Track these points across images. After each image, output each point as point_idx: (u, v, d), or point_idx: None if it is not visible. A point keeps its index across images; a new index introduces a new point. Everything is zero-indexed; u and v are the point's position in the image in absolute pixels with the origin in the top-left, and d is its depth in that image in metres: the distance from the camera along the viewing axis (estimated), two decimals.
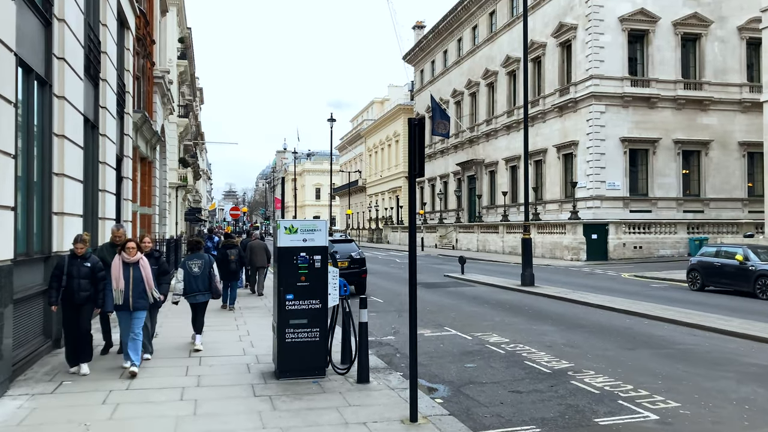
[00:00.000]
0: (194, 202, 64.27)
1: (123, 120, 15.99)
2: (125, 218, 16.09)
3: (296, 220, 7.49)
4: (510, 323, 11.86)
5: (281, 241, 7.32)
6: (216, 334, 10.47)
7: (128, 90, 16.20)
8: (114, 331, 9.26)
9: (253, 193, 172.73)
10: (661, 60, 35.28)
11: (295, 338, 7.28)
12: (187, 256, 10.00)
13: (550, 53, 39.04)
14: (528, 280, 17.78)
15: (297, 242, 7.34)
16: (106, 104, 12.64)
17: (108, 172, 12.86)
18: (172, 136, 34.41)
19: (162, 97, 24.47)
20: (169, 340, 10.08)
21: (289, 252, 7.32)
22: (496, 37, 46.18)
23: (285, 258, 7.32)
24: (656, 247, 32.74)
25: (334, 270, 7.52)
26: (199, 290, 9.51)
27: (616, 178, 34.74)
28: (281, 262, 7.32)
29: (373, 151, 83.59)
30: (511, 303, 14.98)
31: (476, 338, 10.26)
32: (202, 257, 9.64)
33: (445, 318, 12.59)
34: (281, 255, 7.32)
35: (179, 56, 38.02)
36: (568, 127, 37.18)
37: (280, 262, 7.32)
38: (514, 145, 43.37)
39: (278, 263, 7.35)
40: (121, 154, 15.79)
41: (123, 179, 15.97)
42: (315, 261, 7.36)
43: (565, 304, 14.70)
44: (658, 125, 35.18)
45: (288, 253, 7.32)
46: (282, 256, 7.32)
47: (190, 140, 47.84)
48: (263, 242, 17.45)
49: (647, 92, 34.85)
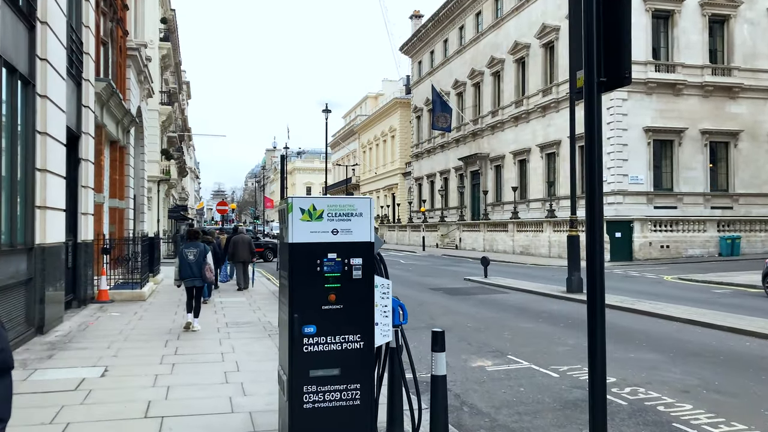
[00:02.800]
0: (180, 199, 60.86)
1: (80, 88, 12.84)
2: (84, 210, 12.92)
3: (321, 198, 4.40)
4: None
5: (295, 233, 4.26)
6: (191, 370, 7.35)
7: (87, 51, 13.03)
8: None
9: (242, 193, 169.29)
10: (687, 43, 32.51)
11: (319, 402, 4.22)
12: (185, 244, 10.71)
13: (565, 36, 36.08)
14: (576, 286, 14.81)
15: (322, 235, 4.29)
16: (47, 56, 9.50)
17: (52, 148, 9.73)
18: (153, 124, 31.16)
19: (138, 74, 21.28)
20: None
21: (309, 252, 4.27)
22: (503, 22, 43.26)
23: (301, 262, 4.26)
24: (684, 246, 30.00)
25: (383, 283, 4.46)
26: (193, 275, 10.28)
27: (639, 172, 31.94)
28: (294, 269, 4.26)
29: (367, 148, 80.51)
30: (569, 316, 11.95)
31: (564, 375, 7.22)
32: (198, 246, 10.46)
33: (500, 339, 9.55)
34: (294, 257, 4.25)
35: (162, 38, 34.75)
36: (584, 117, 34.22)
37: (292, 270, 4.25)
38: (523, 138, 40.50)
39: (290, 272, 4.26)
40: (78, 128, 12.63)
41: (81, 161, 12.81)
42: (354, 268, 4.31)
43: (641, 318, 11.67)
44: (684, 114, 32.41)
45: (306, 253, 4.26)
46: (296, 259, 4.25)
47: (175, 132, 44.49)
48: (247, 236, 17.96)
49: (673, 78, 32.05)
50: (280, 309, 4.68)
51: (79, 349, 8.45)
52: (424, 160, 58.60)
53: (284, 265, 4.47)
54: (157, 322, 11.06)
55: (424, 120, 58.66)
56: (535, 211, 38.54)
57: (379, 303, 4.38)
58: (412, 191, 62.31)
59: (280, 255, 4.80)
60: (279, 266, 4.82)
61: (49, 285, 9.71)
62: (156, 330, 10.20)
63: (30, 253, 9.16)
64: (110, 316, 11.77)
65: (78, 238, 12.76)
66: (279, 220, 4.78)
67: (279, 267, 4.81)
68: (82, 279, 12.83)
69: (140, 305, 13.31)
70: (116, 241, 16.20)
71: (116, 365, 7.51)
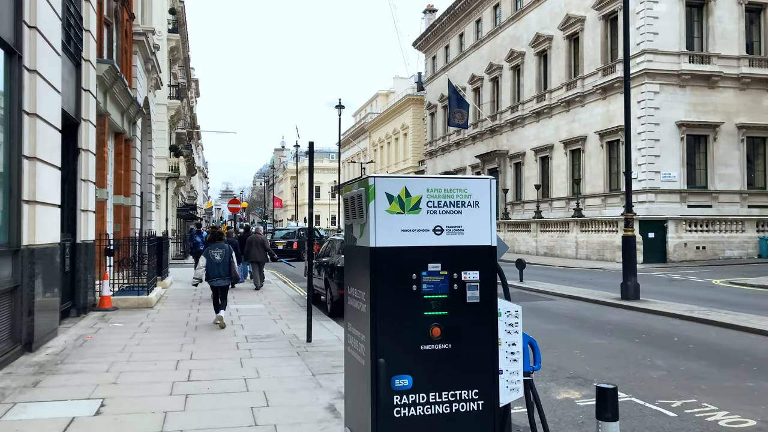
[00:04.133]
0: (189, 198, 59.64)
1: (80, 69, 11.41)
2: (84, 206, 11.49)
3: (418, 178, 2.87)
4: (695, 372, 7.21)
5: (379, 232, 2.75)
6: (208, 405, 5.88)
7: (88, 28, 11.60)
8: None
9: (251, 192, 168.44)
10: (722, 33, 30.81)
11: None
12: (210, 245, 10.84)
13: (590, 27, 34.50)
14: (633, 292, 13.24)
15: (420, 235, 2.78)
16: (37, 24, 8.04)
17: (43, 132, 8.29)
18: (161, 119, 29.84)
19: (145, 62, 19.86)
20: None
21: (400, 261, 2.77)
22: (523, 14, 41.63)
23: (388, 278, 2.74)
24: (721, 247, 28.36)
25: (510, 309, 2.95)
26: (220, 275, 10.52)
27: (671, 168, 30.26)
28: (379, 288, 2.74)
29: (378, 146, 79.04)
30: (639, 329, 10.39)
31: (683, 414, 5.64)
32: (223, 246, 10.71)
33: (573, 360, 8.01)
34: (379, 269, 2.74)
35: (170, 30, 33.42)
36: (613, 111, 32.62)
37: (375, 290, 2.73)
38: (545, 134, 38.88)
39: (371, 292, 2.74)
40: (77, 114, 11.19)
41: (81, 152, 11.37)
42: (467, 286, 2.80)
43: (726, 332, 9.96)
44: (719, 108, 30.70)
45: (396, 263, 2.77)
46: (380, 273, 2.73)
47: (183, 129, 43.18)
48: (261, 236, 17.75)
49: (707, 69, 30.34)
50: (349, 343, 3.18)
51: (72, 374, 6.99)
52: (438, 158, 57.01)
53: (357, 281, 2.98)
54: (165, 336, 9.61)
55: (438, 117, 57.08)
56: (559, 210, 36.93)
57: (504, 340, 2.89)
58: None
59: (348, 265, 3.31)
60: (345, 280, 3.31)
61: (40, 293, 8.27)
62: (164, 345, 8.76)
63: (15, 255, 7.72)
64: (112, 327, 10.32)
65: (77, 238, 11.34)
66: (345, 214, 3.27)
67: (346, 282, 3.30)
68: (81, 284, 11.40)
69: (147, 314, 11.87)
70: (121, 242, 14.78)
71: (115, 397, 6.04)
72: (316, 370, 7.20)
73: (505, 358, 2.91)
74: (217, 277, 10.52)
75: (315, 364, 7.56)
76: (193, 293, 16.02)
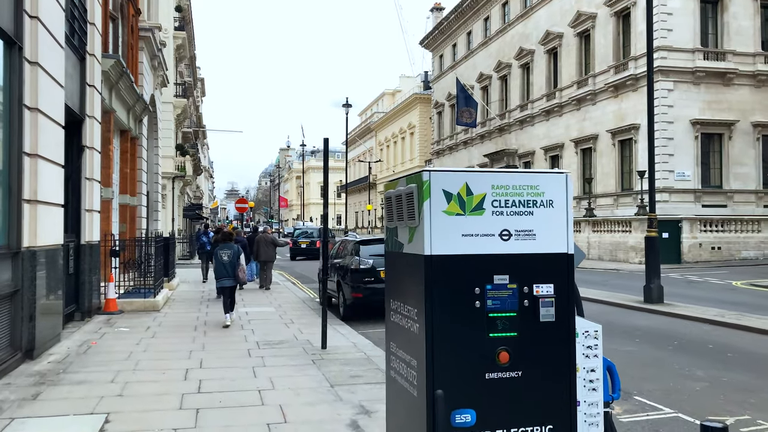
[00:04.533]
0: (195, 198, 59.32)
1: (84, 63, 10.99)
2: (89, 206, 11.08)
3: (479, 172, 2.41)
4: (741, 384, 6.59)
5: (435, 238, 2.29)
6: (222, 422, 5.45)
7: (93, 21, 11.18)
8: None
9: (256, 192, 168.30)
10: (737, 29, 30.23)
11: None
12: (218, 246, 10.91)
13: (602, 24, 33.96)
14: (656, 296, 12.74)
15: (484, 241, 2.32)
16: (39, 13, 7.63)
17: (45, 128, 7.87)
18: (168, 117, 29.47)
19: (152, 59, 19.46)
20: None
21: (460, 272, 2.30)
22: (533, 11, 41.10)
23: (446, 292, 2.27)
24: (737, 247, 27.79)
25: (588, 329, 2.49)
26: (227, 276, 10.56)
27: (686, 168, 29.70)
28: (435, 303, 2.27)
29: (384, 145, 78.58)
30: (670, 335, 9.89)
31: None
32: (232, 247, 10.71)
33: None
34: (435, 282, 2.27)
35: (177, 27, 33.06)
36: (625, 109, 32.10)
37: (432, 306, 2.27)
38: (555, 133, 38.36)
39: (426, 308, 2.28)
40: (81, 111, 10.78)
41: (85, 149, 10.96)
42: (541, 302, 2.34)
43: (764, 338, 9.52)
44: (734, 106, 30.14)
45: (456, 275, 2.30)
46: (437, 286, 2.27)
47: (190, 128, 42.81)
48: (270, 235, 17.72)
49: (722, 67, 29.78)
50: (393, 367, 2.73)
51: (74, 384, 6.57)
52: (446, 157, 56.52)
53: (404, 295, 2.53)
54: (173, 341, 9.19)
55: (446, 116, 56.60)
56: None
57: (581, 365, 2.43)
58: None
59: (391, 275, 2.85)
60: (387, 293, 2.85)
61: (42, 297, 7.85)
62: (173, 352, 8.34)
63: (15, 258, 7.30)
64: (118, 332, 9.91)
65: (81, 239, 10.92)
66: (387, 215, 2.81)
67: (388, 294, 2.84)
68: (86, 287, 10.98)
69: (153, 317, 11.45)
70: (127, 242, 14.37)
71: (121, 411, 5.61)
72: (334, 381, 6.76)
73: (584, 387, 2.47)
74: (223, 277, 10.59)
75: (332, 373, 7.12)
76: (201, 294, 15.63)
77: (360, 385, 6.61)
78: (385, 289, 2.92)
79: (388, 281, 2.87)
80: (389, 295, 2.81)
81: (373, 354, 8.27)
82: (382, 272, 11.62)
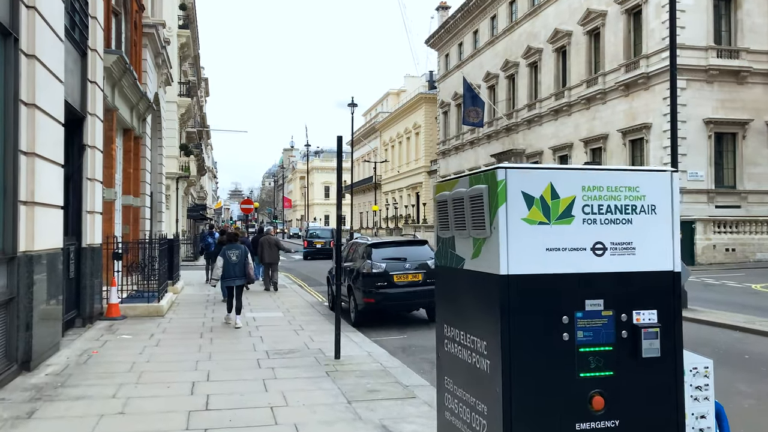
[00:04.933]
0: (199, 198, 58.96)
1: (86, 59, 10.55)
2: (91, 207, 10.63)
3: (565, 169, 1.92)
4: None
5: (513, 253, 1.79)
6: None
7: (94, 15, 10.74)
8: None
9: (260, 192, 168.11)
10: (751, 27, 29.68)
11: None
12: (226, 246, 11.12)
13: (612, 22, 33.43)
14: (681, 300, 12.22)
15: (572, 257, 1.82)
16: (37, 4, 7.18)
17: (43, 125, 7.43)
18: (172, 117, 29.05)
19: (155, 56, 19.02)
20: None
21: (543, 296, 1.79)
22: (541, 9, 40.56)
23: (527, 321, 1.77)
24: (752, 249, 27.28)
25: (697, 365, 2.00)
26: (236, 275, 10.79)
27: (699, 168, 29.16)
28: (513, 335, 1.78)
29: (389, 145, 78.06)
30: (700, 342, 9.30)
31: None
32: (239, 247, 10.97)
33: None
34: (514, 308, 1.77)
35: (181, 26, 32.66)
36: (636, 108, 31.57)
37: (509, 338, 1.77)
38: (564, 132, 37.85)
39: (503, 341, 1.78)
40: (82, 108, 10.34)
41: (87, 148, 10.52)
42: (643, 333, 1.83)
43: None
44: (748, 104, 29.58)
45: (538, 300, 1.78)
46: (517, 313, 1.77)
47: (194, 128, 42.41)
48: (274, 237, 17.50)
49: (736, 65, 29.23)
50: (449, 408, 2.25)
51: (73, 400, 6.11)
52: (452, 157, 56.02)
53: (467, 322, 2.05)
54: (178, 350, 8.74)
55: (452, 115, 56.11)
56: None
57: (690, 410, 1.95)
58: None
59: (445, 296, 2.37)
60: (440, 317, 2.36)
61: (40, 304, 7.40)
62: (178, 363, 7.88)
63: (11, 264, 6.86)
64: (120, 339, 9.46)
65: (83, 242, 10.48)
66: (440, 223, 2.33)
67: (441, 319, 2.36)
68: (87, 291, 10.54)
69: (158, 323, 11.00)
70: (130, 245, 13.94)
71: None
72: (351, 396, 6.29)
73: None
74: (233, 276, 10.85)
75: (348, 387, 6.65)
76: (206, 297, 15.20)
77: (379, 401, 6.15)
78: (437, 311, 2.44)
79: (442, 303, 2.40)
80: (442, 319, 2.34)
81: (390, 365, 7.80)
82: (395, 277, 11.18)
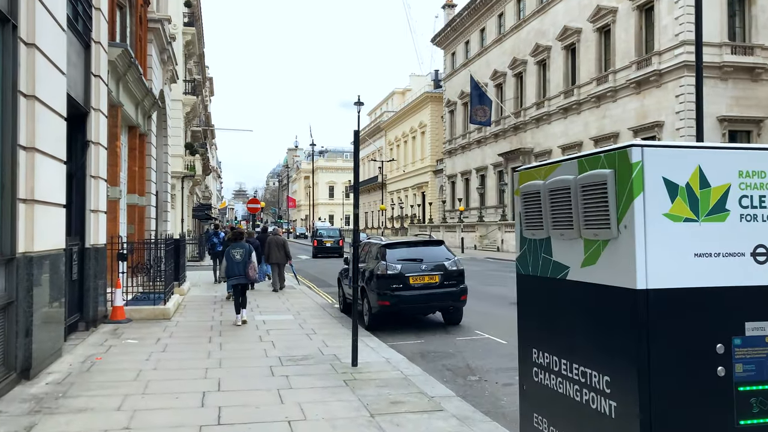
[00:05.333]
0: (203, 198, 58.62)
1: (89, 51, 10.14)
2: (95, 206, 10.21)
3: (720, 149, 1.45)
4: None
5: (656, 260, 1.32)
6: None
7: (98, 6, 10.32)
8: None
9: (264, 192, 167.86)
10: (765, 23, 29.20)
11: None
12: (231, 245, 11.19)
13: (623, 19, 32.94)
14: None
15: (728, 263, 1.35)
16: None
17: (44, 118, 7.00)
18: (177, 115, 28.68)
19: (161, 52, 18.63)
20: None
21: (691, 318, 1.32)
22: (549, 6, 40.10)
23: (671, 351, 1.31)
24: None
25: None
26: (239, 274, 10.88)
27: None
28: (653, 371, 1.32)
29: (395, 144, 77.71)
30: None
31: None
32: (244, 246, 11.07)
33: None
34: (654, 332, 1.29)
35: (186, 23, 32.30)
36: (648, 106, 31.08)
37: (649, 372, 1.30)
38: (573, 130, 37.36)
39: (642, 377, 1.32)
40: (86, 103, 9.92)
41: (90, 145, 10.10)
42: None
43: None
44: (763, 102, 29.08)
45: (685, 322, 1.32)
46: (658, 340, 1.31)
47: (199, 126, 42.06)
48: (281, 237, 17.38)
49: (750, 62, 28.74)
50: None
51: (75, 413, 5.68)
52: (458, 156, 55.56)
53: (579, 349, 1.59)
54: (187, 355, 8.32)
55: (458, 114, 55.65)
56: None
57: None
58: (445, 189, 59.30)
59: (534, 311, 1.91)
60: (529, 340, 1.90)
61: (40, 309, 6.98)
62: (186, 370, 7.45)
63: (9, 266, 6.44)
64: (125, 344, 9.03)
65: (86, 242, 10.07)
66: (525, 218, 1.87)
67: (531, 343, 1.90)
68: (90, 293, 10.12)
69: (164, 327, 10.57)
70: (135, 245, 13.52)
71: None
72: (373, 409, 5.85)
73: None
74: (237, 275, 10.91)
75: (369, 398, 6.20)
76: (213, 299, 14.80)
77: (404, 414, 5.70)
78: (522, 330, 1.98)
79: (528, 321, 1.94)
80: (529, 343, 1.87)
81: (411, 373, 7.36)
82: (411, 278, 10.74)
